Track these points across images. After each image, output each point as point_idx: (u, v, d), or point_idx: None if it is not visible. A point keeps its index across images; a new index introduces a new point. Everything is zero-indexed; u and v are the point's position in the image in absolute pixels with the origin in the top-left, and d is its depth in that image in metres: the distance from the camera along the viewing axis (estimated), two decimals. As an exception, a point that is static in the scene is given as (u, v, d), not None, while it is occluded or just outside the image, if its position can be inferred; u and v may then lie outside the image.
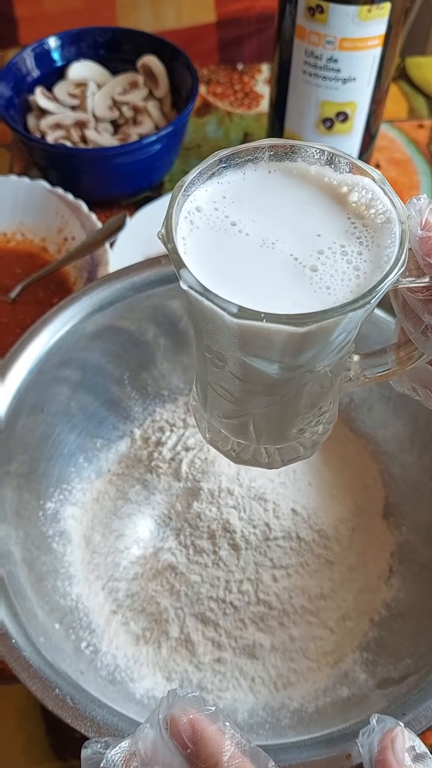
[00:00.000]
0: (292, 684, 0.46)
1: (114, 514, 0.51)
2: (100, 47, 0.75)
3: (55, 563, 0.48)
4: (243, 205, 0.29)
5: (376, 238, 0.28)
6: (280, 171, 0.29)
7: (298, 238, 0.28)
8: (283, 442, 0.34)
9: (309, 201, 0.29)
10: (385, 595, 0.48)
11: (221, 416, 0.34)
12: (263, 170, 0.29)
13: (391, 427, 0.52)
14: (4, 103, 0.69)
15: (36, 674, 0.38)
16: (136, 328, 0.53)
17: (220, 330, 0.27)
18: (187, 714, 0.28)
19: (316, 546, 0.49)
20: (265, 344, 0.27)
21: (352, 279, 0.27)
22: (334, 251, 0.27)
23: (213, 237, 0.28)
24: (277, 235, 0.28)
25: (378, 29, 0.60)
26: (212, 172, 0.29)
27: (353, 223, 0.28)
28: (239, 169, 0.29)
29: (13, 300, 0.63)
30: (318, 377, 0.30)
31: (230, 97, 0.84)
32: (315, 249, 0.27)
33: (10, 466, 0.45)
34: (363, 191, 0.29)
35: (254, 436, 0.33)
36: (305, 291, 0.26)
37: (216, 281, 0.26)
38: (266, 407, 0.32)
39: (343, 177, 0.29)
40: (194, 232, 0.28)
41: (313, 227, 0.28)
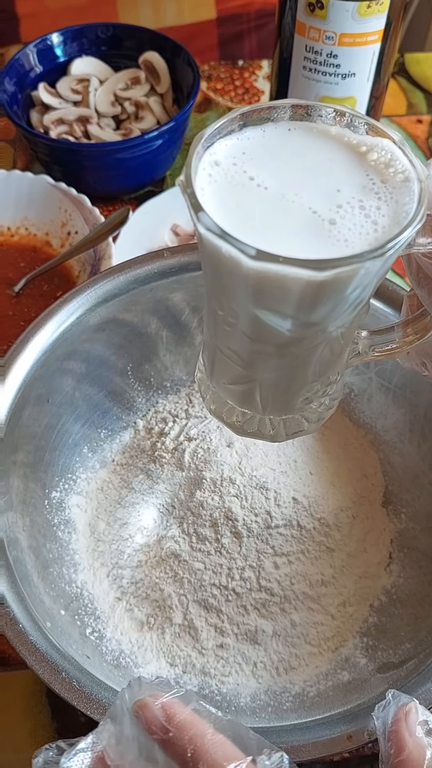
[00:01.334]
0: (293, 669, 0.47)
1: (118, 503, 0.52)
2: (102, 43, 0.76)
3: (61, 551, 0.48)
4: (262, 161, 0.29)
5: (394, 194, 0.28)
6: (300, 129, 0.30)
7: (317, 192, 0.28)
8: (288, 413, 0.34)
9: (328, 158, 0.29)
10: (384, 581, 0.49)
11: (228, 383, 0.33)
12: (283, 128, 0.30)
13: (391, 417, 0.53)
14: (8, 99, 0.69)
15: (43, 658, 0.39)
16: (139, 320, 0.54)
17: (235, 280, 0.27)
18: (157, 698, 0.27)
19: (316, 533, 0.50)
20: (280, 295, 0.27)
21: (370, 233, 0.27)
22: (353, 206, 0.27)
23: (231, 191, 0.28)
24: (295, 189, 0.28)
25: (377, 25, 0.61)
26: (232, 128, 0.29)
27: (372, 180, 0.28)
28: (259, 126, 0.30)
29: (17, 293, 0.64)
30: (329, 340, 0.30)
31: (231, 92, 0.85)
32: (334, 203, 0.27)
33: (16, 455, 0.46)
34: (382, 151, 0.29)
35: (260, 405, 0.33)
36: (323, 243, 0.27)
37: (233, 231, 0.26)
38: (275, 372, 0.31)
39: (363, 138, 0.29)
40: (212, 184, 0.28)
41: (333, 183, 0.28)
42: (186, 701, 0.27)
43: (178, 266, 0.52)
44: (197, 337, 0.56)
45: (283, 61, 0.67)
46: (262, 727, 0.41)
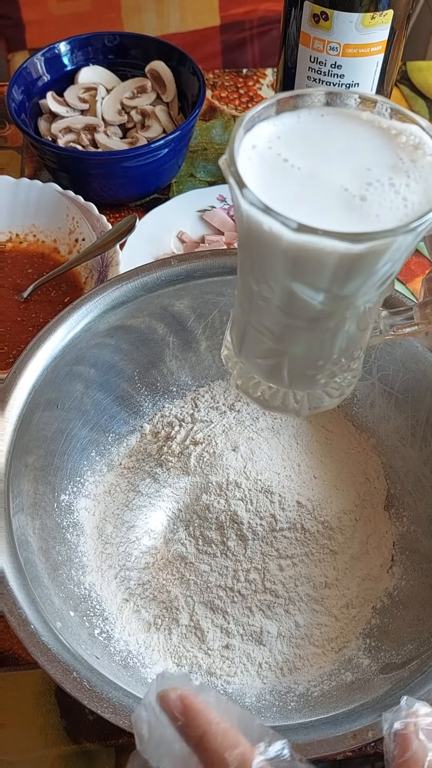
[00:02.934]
0: (297, 669, 0.48)
1: (126, 506, 0.53)
2: (108, 52, 0.77)
3: (70, 553, 0.49)
4: (295, 144, 0.30)
5: (423, 173, 0.29)
6: (332, 114, 0.31)
7: (348, 171, 0.29)
8: (312, 388, 0.36)
9: (359, 139, 0.31)
10: (387, 583, 0.50)
11: (257, 357, 0.35)
12: (317, 113, 0.31)
13: (393, 422, 0.54)
14: (16, 107, 0.70)
15: (55, 658, 0.40)
16: (146, 326, 0.55)
17: (274, 253, 0.29)
18: (175, 690, 0.30)
19: (320, 536, 0.50)
20: (316, 268, 0.28)
21: (400, 208, 0.28)
22: (383, 183, 0.29)
23: (267, 171, 0.30)
24: (327, 168, 0.30)
25: (381, 36, 0.62)
26: (269, 113, 0.31)
27: (402, 159, 0.30)
28: (294, 111, 0.31)
29: (25, 299, 0.65)
30: (357, 315, 0.32)
31: (235, 101, 0.86)
32: (364, 181, 0.29)
33: (28, 459, 0.47)
34: (411, 136, 0.30)
35: (287, 380, 0.35)
36: (355, 218, 0.28)
37: (273, 206, 0.28)
38: (305, 346, 0.33)
39: (392, 122, 0.31)
40: (250, 166, 0.30)
41: (363, 162, 0.30)
42: (199, 692, 0.30)
43: (185, 274, 0.53)
44: (203, 343, 0.57)
45: (288, 70, 0.68)
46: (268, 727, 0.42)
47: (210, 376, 0.58)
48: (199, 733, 0.29)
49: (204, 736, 0.28)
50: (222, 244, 0.70)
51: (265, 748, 0.28)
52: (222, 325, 0.56)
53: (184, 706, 0.30)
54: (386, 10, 0.60)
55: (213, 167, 0.79)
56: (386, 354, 0.52)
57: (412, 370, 0.51)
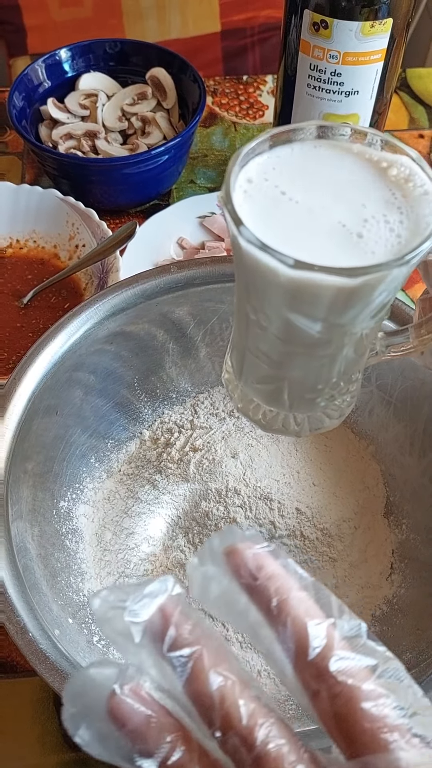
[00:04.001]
0: (296, 677, 0.48)
1: (125, 512, 0.53)
2: (109, 59, 0.77)
3: (68, 560, 0.49)
4: (292, 176, 0.31)
5: (414, 208, 0.30)
6: (325, 146, 0.32)
7: (345, 207, 0.30)
8: (312, 411, 0.36)
9: (353, 173, 0.31)
10: (386, 591, 0.50)
11: (256, 383, 0.36)
12: (310, 146, 0.32)
13: (392, 430, 0.54)
14: (17, 114, 0.71)
15: (53, 666, 0.40)
16: (146, 333, 0.55)
17: (271, 286, 0.29)
18: (250, 547, 0.27)
19: (319, 544, 0.50)
20: (313, 300, 0.29)
21: (394, 245, 0.29)
22: (378, 220, 0.30)
23: (265, 205, 0.30)
24: (324, 203, 0.30)
25: (380, 44, 0.62)
26: (263, 148, 0.31)
27: (394, 194, 0.30)
28: (288, 144, 0.32)
29: (25, 305, 0.65)
30: (354, 341, 0.32)
31: (236, 107, 0.86)
32: (360, 218, 0.30)
33: (27, 465, 0.47)
34: (402, 167, 0.31)
35: (287, 403, 0.35)
36: (352, 254, 0.29)
37: (269, 242, 0.28)
38: (303, 371, 0.34)
39: (383, 154, 0.31)
40: (247, 200, 0.30)
41: (358, 197, 0.30)
42: (275, 556, 0.27)
43: (185, 281, 0.53)
44: (202, 350, 0.57)
45: (288, 78, 0.68)
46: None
47: (209, 382, 0.58)
48: (274, 598, 0.25)
49: (281, 603, 0.25)
50: (222, 251, 0.70)
51: (346, 624, 0.25)
52: (222, 331, 0.56)
53: (258, 566, 0.26)
54: (386, 19, 0.60)
55: (213, 174, 0.79)
56: (385, 363, 0.52)
57: (411, 378, 0.51)
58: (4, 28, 1.11)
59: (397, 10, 0.60)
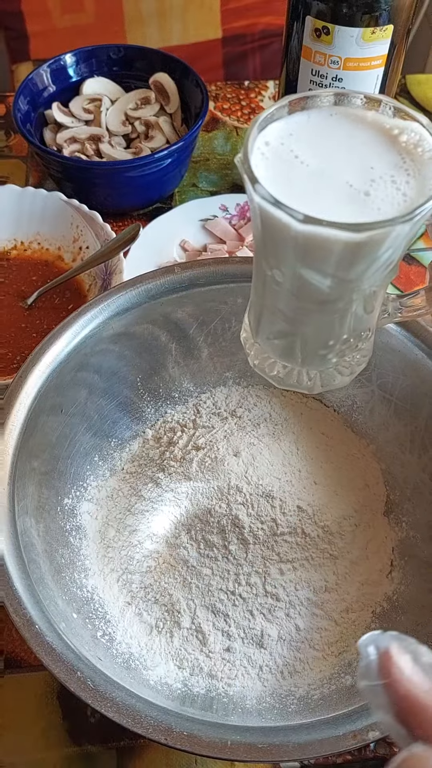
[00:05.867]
0: (298, 672, 0.48)
1: (128, 510, 0.53)
2: (113, 64, 0.78)
3: (73, 556, 0.50)
4: (306, 142, 0.33)
5: (422, 170, 0.31)
6: (340, 114, 0.33)
7: (354, 169, 0.32)
8: (324, 366, 0.38)
9: (364, 140, 0.33)
10: (386, 588, 0.51)
11: (272, 338, 0.38)
12: (326, 113, 0.33)
13: (392, 428, 0.54)
14: (22, 117, 0.71)
15: (59, 658, 0.40)
16: (149, 334, 0.56)
17: (285, 242, 0.31)
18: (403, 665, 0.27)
19: (320, 541, 0.51)
20: (322, 255, 0.31)
21: (400, 203, 0.31)
22: (385, 180, 0.31)
23: (279, 166, 0.32)
24: (334, 165, 0.32)
25: (381, 50, 0.63)
26: (281, 113, 0.33)
27: (403, 159, 0.32)
28: (305, 111, 0.33)
29: (29, 306, 0.66)
30: (363, 298, 0.34)
31: (237, 112, 0.87)
32: (368, 178, 0.31)
33: (33, 462, 0.47)
34: (412, 133, 0.32)
35: (300, 358, 0.38)
36: (359, 211, 0.31)
37: (282, 200, 0.30)
38: (315, 326, 0.36)
39: (395, 121, 0.33)
40: (263, 161, 0.32)
41: (367, 161, 0.32)
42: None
43: (188, 281, 0.54)
44: (204, 351, 0.58)
45: (289, 83, 0.69)
46: (268, 727, 0.43)
47: (212, 382, 0.59)
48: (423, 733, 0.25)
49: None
50: (224, 253, 0.71)
51: None
52: (224, 332, 0.57)
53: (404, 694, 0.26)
54: (386, 25, 0.61)
55: (215, 177, 0.80)
56: (386, 362, 0.53)
57: (412, 377, 0.52)
58: (7, 34, 1.12)
59: (398, 16, 0.61)
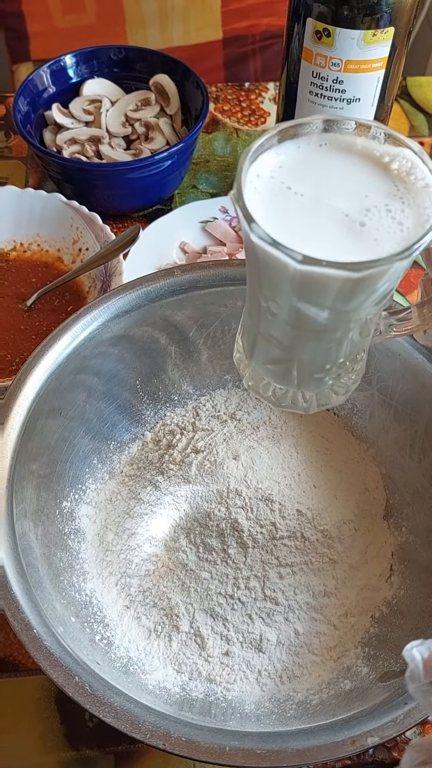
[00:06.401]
0: (297, 677, 0.48)
1: (127, 513, 0.53)
2: (114, 65, 0.78)
3: (71, 560, 0.50)
4: (297, 173, 0.32)
5: (416, 199, 0.31)
6: (330, 144, 0.33)
7: (347, 198, 0.31)
8: (320, 388, 0.38)
9: (356, 169, 0.33)
10: (385, 592, 0.51)
11: (267, 363, 0.38)
12: (315, 143, 0.33)
13: (392, 432, 0.54)
14: (21, 118, 0.71)
15: (57, 662, 0.40)
16: (149, 336, 0.55)
17: (282, 278, 0.31)
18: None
19: (320, 545, 0.51)
20: (320, 291, 0.31)
21: (397, 232, 0.30)
22: (380, 209, 0.31)
23: (273, 200, 0.32)
24: (328, 195, 0.32)
25: (382, 52, 0.63)
26: (271, 143, 0.33)
27: (396, 187, 0.32)
28: (295, 141, 0.33)
29: (29, 308, 0.65)
30: (360, 325, 0.34)
31: (238, 114, 0.87)
32: (363, 207, 0.31)
33: (32, 465, 0.47)
34: (404, 160, 0.32)
35: (296, 382, 0.37)
36: (356, 243, 0.30)
37: (278, 234, 0.30)
38: (311, 353, 0.36)
39: (386, 148, 0.32)
40: (256, 195, 0.32)
41: (361, 190, 0.32)
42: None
43: (188, 284, 0.54)
44: (204, 353, 0.58)
45: (290, 85, 0.69)
46: (267, 732, 0.42)
47: (211, 385, 0.59)
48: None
49: None
50: (224, 255, 0.71)
51: None
52: (223, 335, 0.57)
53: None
54: (387, 27, 0.61)
55: (215, 179, 0.80)
56: (386, 366, 0.53)
57: (411, 382, 0.52)
58: (7, 35, 1.11)
59: (399, 18, 0.61)
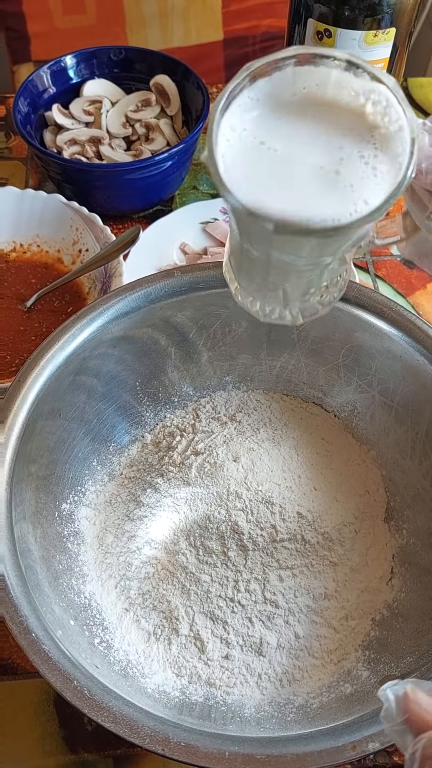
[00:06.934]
0: (297, 681, 0.48)
1: (126, 516, 0.53)
2: (114, 66, 0.78)
3: (70, 562, 0.49)
4: (271, 124, 0.32)
5: (390, 144, 0.31)
6: (304, 81, 0.32)
7: (322, 150, 0.32)
8: (306, 304, 0.40)
9: (330, 116, 0.32)
10: (386, 595, 0.50)
11: (252, 287, 0.39)
12: (290, 82, 0.32)
13: (393, 434, 0.54)
14: (22, 119, 0.71)
15: (55, 667, 0.40)
16: (149, 337, 0.55)
17: (258, 235, 0.32)
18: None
19: (320, 548, 0.51)
20: (295, 248, 0.32)
21: (371, 177, 0.31)
22: (353, 157, 0.31)
23: (247, 155, 0.31)
24: (303, 150, 0.32)
25: (383, 53, 0.63)
26: (243, 85, 0.32)
27: (371, 133, 0.32)
28: (269, 80, 0.32)
29: (28, 309, 0.65)
30: (338, 259, 0.35)
31: (238, 114, 0.87)
32: (337, 156, 0.31)
33: (31, 467, 0.47)
34: (379, 98, 0.32)
35: (282, 303, 0.39)
36: (332, 191, 0.31)
37: (254, 192, 0.30)
38: (294, 283, 0.37)
39: (361, 83, 0.32)
40: (230, 149, 0.31)
41: (335, 140, 0.32)
42: None
43: (188, 285, 0.54)
44: (204, 355, 0.58)
45: (291, 86, 0.69)
46: (267, 737, 0.42)
47: (211, 386, 0.59)
48: None
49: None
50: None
51: None
52: (224, 336, 0.57)
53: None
54: (389, 28, 0.61)
55: (216, 180, 0.80)
56: (387, 368, 0.53)
57: (412, 383, 0.52)
58: (8, 35, 1.11)
59: (400, 19, 0.61)
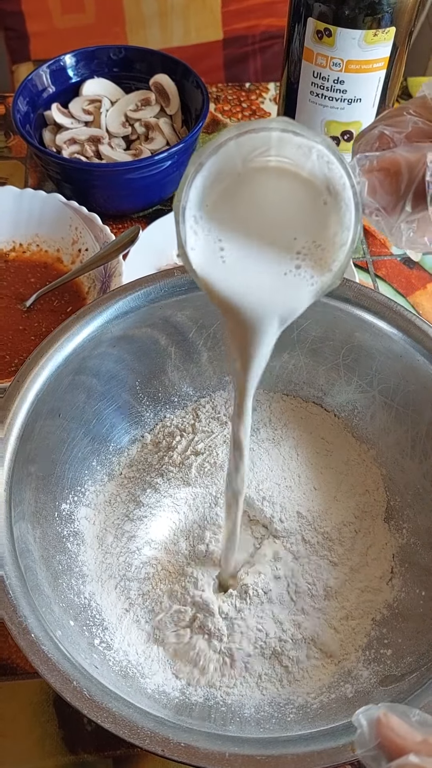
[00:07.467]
0: (297, 681, 0.48)
1: (126, 516, 0.53)
2: (113, 65, 0.77)
3: (70, 562, 0.49)
4: (224, 219, 0.32)
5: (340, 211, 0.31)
6: (250, 159, 0.32)
7: (277, 252, 0.32)
8: None
9: (282, 200, 0.32)
10: (386, 595, 0.50)
11: None
12: (237, 160, 0.32)
13: (393, 434, 0.54)
14: (21, 118, 0.71)
15: (55, 667, 0.39)
16: (148, 337, 0.55)
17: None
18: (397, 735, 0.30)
19: (320, 548, 0.51)
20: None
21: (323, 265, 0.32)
22: (309, 248, 0.32)
23: (208, 258, 0.33)
24: (257, 256, 0.32)
25: (383, 52, 0.63)
26: (197, 170, 0.32)
27: (324, 202, 0.32)
28: (215, 159, 0.32)
29: (28, 308, 0.65)
30: None
31: (238, 114, 0.87)
32: (294, 251, 0.32)
33: (30, 467, 0.47)
34: (320, 151, 0.31)
35: None
36: (296, 285, 0.32)
37: (218, 285, 0.32)
38: None
39: (302, 139, 0.31)
40: (198, 242, 0.32)
41: (289, 232, 0.32)
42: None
43: (188, 284, 0.54)
44: (204, 355, 0.57)
45: (291, 85, 0.69)
46: (267, 738, 0.42)
47: (211, 386, 0.59)
48: None
49: None
50: (224, 256, 0.71)
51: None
52: (224, 336, 0.56)
53: None
54: (389, 27, 0.61)
55: (215, 180, 0.80)
56: (387, 367, 0.53)
57: (413, 383, 0.52)
58: (7, 35, 1.11)
59: (400, 18, 0.61)
